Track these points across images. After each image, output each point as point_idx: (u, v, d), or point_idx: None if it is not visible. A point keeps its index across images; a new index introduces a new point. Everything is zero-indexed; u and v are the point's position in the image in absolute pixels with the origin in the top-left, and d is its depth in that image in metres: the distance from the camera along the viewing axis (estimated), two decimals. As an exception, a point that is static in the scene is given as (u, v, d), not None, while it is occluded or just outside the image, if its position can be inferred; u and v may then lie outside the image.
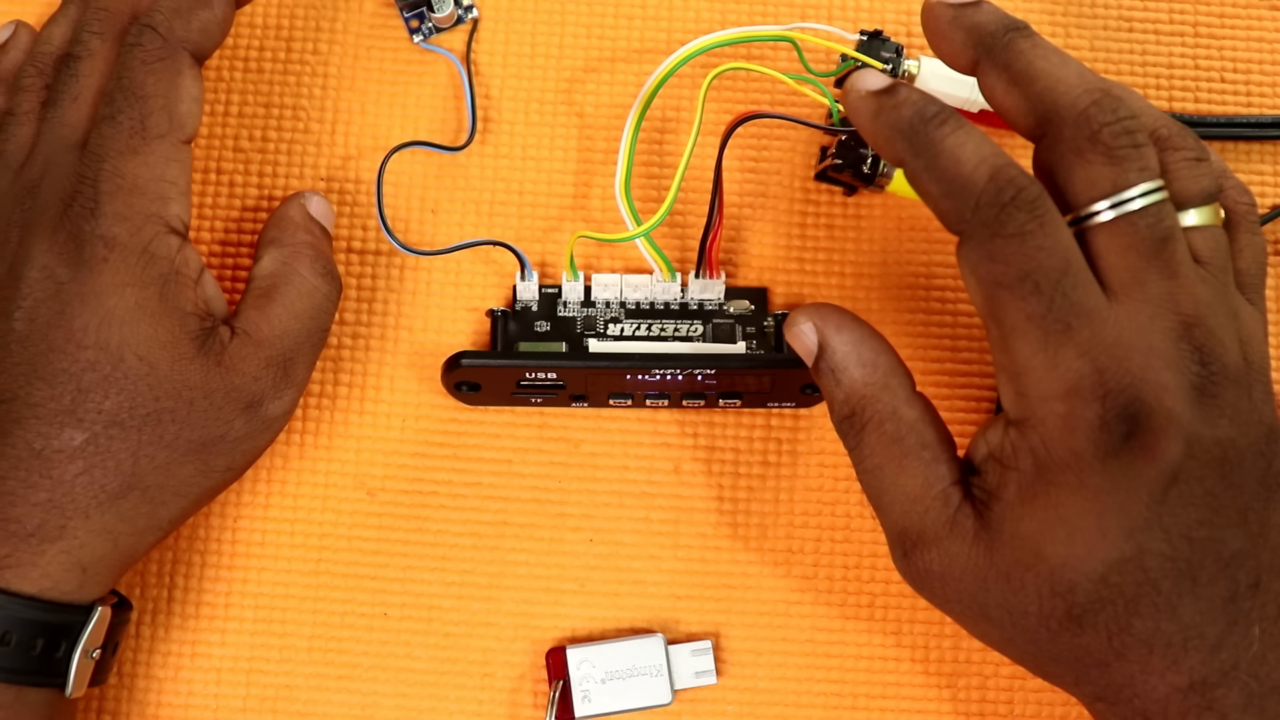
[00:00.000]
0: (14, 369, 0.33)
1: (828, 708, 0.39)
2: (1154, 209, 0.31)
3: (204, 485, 0.35)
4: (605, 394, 0.40)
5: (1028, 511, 0.31)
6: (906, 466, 0.33)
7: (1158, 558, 0.30)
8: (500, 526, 0.40)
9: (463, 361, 0.37)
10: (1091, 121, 0.31)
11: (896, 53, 0.40)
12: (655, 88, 0.39)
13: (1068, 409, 0.30)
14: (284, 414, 0.36)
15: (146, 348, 0.33)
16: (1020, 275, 0.30)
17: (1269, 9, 0.44)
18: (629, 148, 0.39)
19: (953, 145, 0.31)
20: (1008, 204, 0.30)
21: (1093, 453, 0.30)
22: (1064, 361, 0.30)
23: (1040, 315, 0.30)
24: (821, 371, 0.35)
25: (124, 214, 0.34)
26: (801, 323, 0.35)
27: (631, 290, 0.41)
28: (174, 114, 0.35)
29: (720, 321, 0.41)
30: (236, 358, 0.35)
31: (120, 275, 0.33)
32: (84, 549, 0.33)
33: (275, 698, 0.39)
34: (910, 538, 0.33)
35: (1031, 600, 0.31)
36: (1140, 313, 0.30)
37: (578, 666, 0.38)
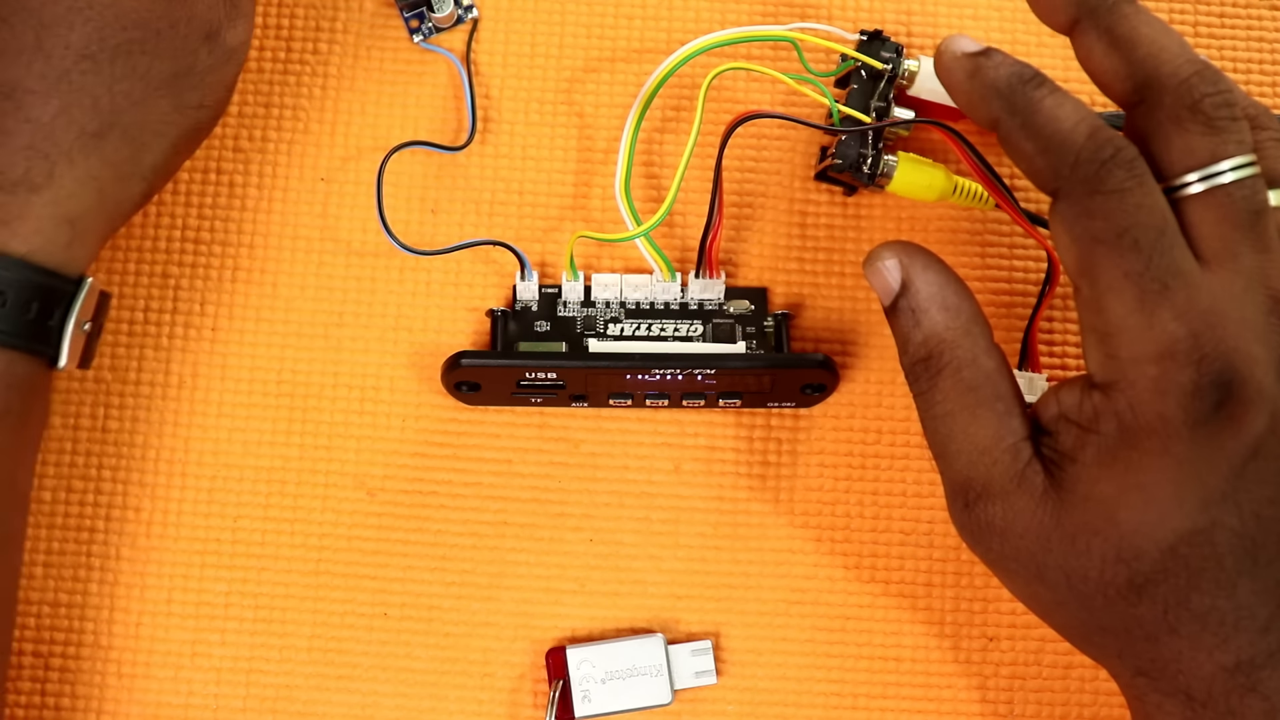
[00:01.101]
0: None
1: (828, 708, 0.39)
2: (1249, 182, 0.31)
3: (181, 124, 0.35)
4: (605, 394, 0.40)
5: (1105, 475, 0.31)
6: (979, 416, 0.32)
7: (1227, 532, 0.30)
8: (500, 526, 0.40)
9: (463, 361, 0.37)
10: (1194, 90, 0.31)
11: (896, 53, 0.40)
12: (655, 88, 0.39)
13: (1161, 372, 0.30)
14: (240, 44, 0.36)
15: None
16: (1119, 231, 0.30)
17: (1269, 9, 0.44)
18: (629, 148, 0.39)
19: (1051, 105, 0.32)
20: (1107, 160, 0.30)
21: (1182, 419, 0.29)
22: (1159, 323, 0.30)
23: (1138, 273, 0.30)
24: (900, 310, 0.34)
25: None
26: (886, 258, 0.34)
27: (631, 290, 0.41)
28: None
29: (720, 321, 0.41)
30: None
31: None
32: (71, 199, 0.33)
33: (275, 698, 0.39)
34: (975, 489, 0.32)
35: (1094, 565, 0.31)
36: (1234, 283, 0.30)
37: (578, 666, 0.38)
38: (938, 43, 0.43)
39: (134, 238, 0.41)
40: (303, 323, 0.41)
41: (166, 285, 0.41)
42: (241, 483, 0.40)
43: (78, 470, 0.40)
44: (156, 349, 0.41)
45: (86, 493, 0.40)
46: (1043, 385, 0.39)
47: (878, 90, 0.40)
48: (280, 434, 0.41)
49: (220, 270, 0.41)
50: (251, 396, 0.41)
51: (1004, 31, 0.44)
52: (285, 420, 0.41)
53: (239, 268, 0.41)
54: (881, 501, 0.41)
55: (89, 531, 0.40)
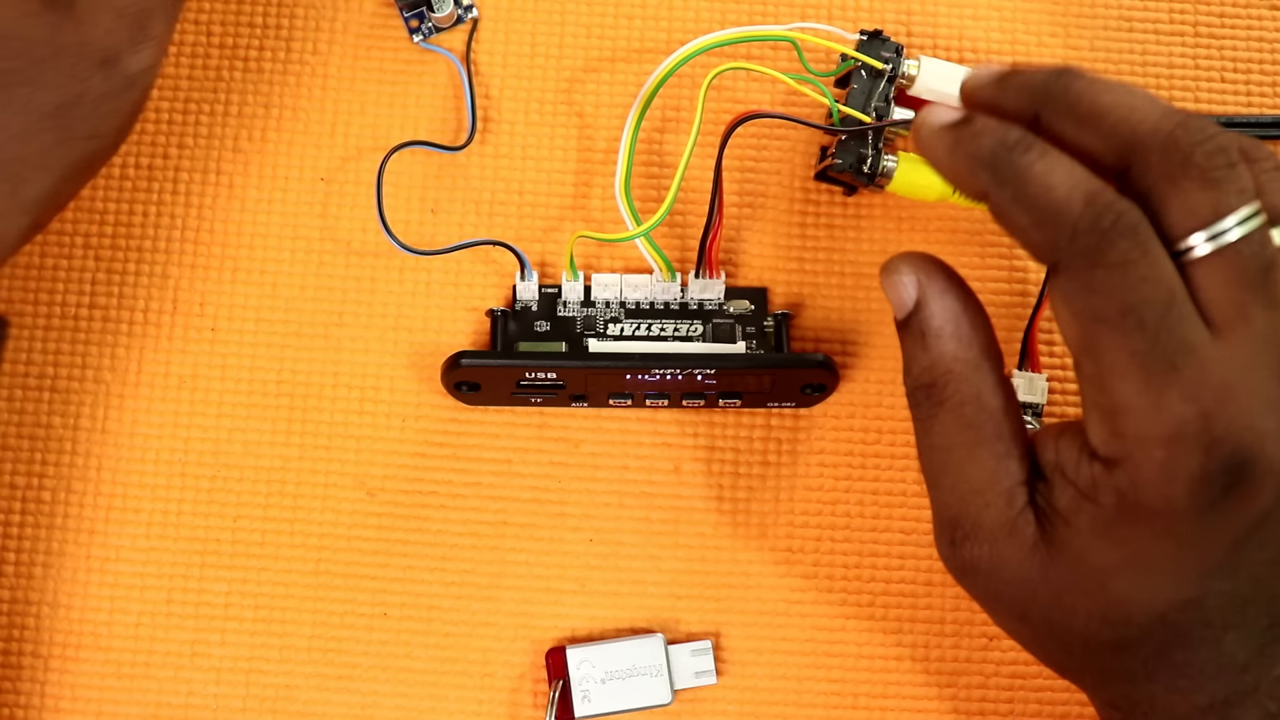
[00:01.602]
0: None
1: (828, 708, 0.39)
2: (1257, 235, 0.28)
3: (68, 157, 0.33)
4: (605, 394, 0.40)
5: (1099, 545, 0.29)
6: (977, 455, 0.31)
7: (1220, 597, 0.29)
8: (500, 526, 0.40)
9: (462, 361, 0.37)
10: (1181, 144, 0.29)
11: (896, 52, 0.40)
12: (655, 88, 0.39)
13: (1168, 456, 0.28)
14: (145, 70, 0.34)
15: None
16: (1123, 309, 0.28)
17: (1269, 9, 0.44)
18: (629, 147, 0.39)
19: (1041, 171, 0.29)
20: (1108, 230, 0.28)
21: (1189, 504, 0.28)
22: (1167, 404, 0.28)
23: (1144, 353, 0.28)
24: (910, 329, 0.32)
25: None
26: (903, 272, 0.32)
27: (631, 290, 0.41)
28: None
29: (720, 321, 0.41)
30: (87, 10, 0.32)
31: None
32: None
33: (275, 698, 0.39)
34: (964, 528, 0.31)
35: (1079, 621, 0.30)
36: (1245, 350, 0.28)
37: (578, 666, 0.38)
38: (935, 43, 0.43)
39: (134, 238, 0.41)
40: (303, 323, 0.41)
41: (166, 285, 0.41)
42: (241, 483, 0.40)
43: (77, 470, 0.40)
44: (156, 349, 0.41)
45: (86, 494, 0.40)
46: (1043, 385, 0.40)
47: (878, 90, 0.40)
48: (280, 434, 0.40)
49: (220, 270, 0.41)
50: (251, 396, 0.41)
51: (1004, 31, 0.44)
52: (285, 420, 0.41)
53: (239, 268, 0.41)
54: (881, 501, 0.41)
55: (89, 533, 0.40)
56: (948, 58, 0.42)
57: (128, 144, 0.42)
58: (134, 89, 0.34)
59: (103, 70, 0.32)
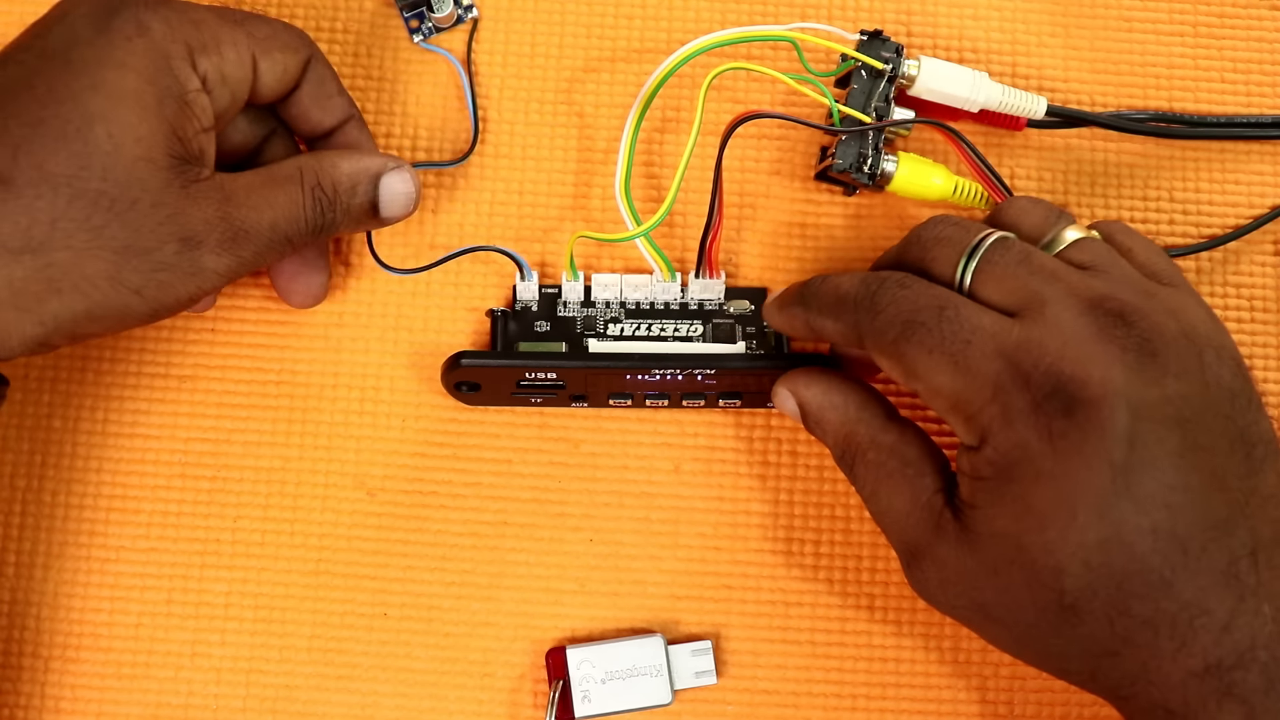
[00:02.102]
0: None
1: (828, 708, 0.39)
2: (999, 242, 0.33)
3: (108, 296, 0.33)
4: (605, 394, 0.40)
5: (999, 512, 0.32)
6: (895, 486, 0.35)
7: (1136, 531, 0.30)
8: (500, 526, 0.40)
9: (463, 361, 0.37)
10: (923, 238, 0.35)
11: (896, 52, 0.40)
12: (655, 87, 0.39)
13: (1000, 407, 0.31)
14: (214, 272, 0.34)
15: (120, 129, 0.32)
16: (905, 323, 0.33)
17: (1269, 9, 0.44)
18: (629, 147, 0.39)
19: (831, 283, 0.36)
20: (877, 288, 0.34)
21: (1037, 437, 0.30)
22: (978, 367, 0.31)
23: (936, 343, 0.32)
24: (810, 426, 0.37)
25: (170, 22, 0.34)
26: (779, 393, 0.38)
27: (631, 290, 0.41)
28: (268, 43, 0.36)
29: (720, 321, 0.41)
30: (201, 196, 0.34)
31: (132, 59, 0.33)
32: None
33: (275, 698, 0.39)
34: (909, 550, 0.34)
35: (1023, 593, 0.31)
36: (1043, 313, 0.32)
37: (578, 666, 0.38)
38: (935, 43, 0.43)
39: (134, 238, 0.41)
40: (302, 323, 0.41)
41: (166, 285, 0.41)
42: (241, 483, 0.40)
43: (77, 471, 0.40)
44: (156, 349, 0.41)
45: (86, 495, 0.40)
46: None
47: (878, 90, 0.40)
48: (280, 434, 0.41)
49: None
50: (251, 397, 0.41)
51: (1004, 31, 0.44)
52: (285, 420, 0.41)
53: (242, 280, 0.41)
54: (881, 501, 0.41)
55: (89, 533, 0.40)
56: (948, 58, 0.42)
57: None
58: (194, 280, 0.34)
59: (181, 245, 0.33)
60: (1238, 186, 0.43)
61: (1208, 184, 0.43)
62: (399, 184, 0.37)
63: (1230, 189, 0.43)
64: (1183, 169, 0.43)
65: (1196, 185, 0.43)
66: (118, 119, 0.32)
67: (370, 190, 0.37)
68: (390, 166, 0.37)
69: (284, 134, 0.39)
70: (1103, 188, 0.43)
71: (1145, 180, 0.43)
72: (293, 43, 0.37)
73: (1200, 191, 0.43)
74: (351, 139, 0.39)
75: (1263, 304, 0.42)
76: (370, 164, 0.37)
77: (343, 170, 0.36)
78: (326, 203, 0.36)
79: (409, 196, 0.38)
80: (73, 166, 0.32)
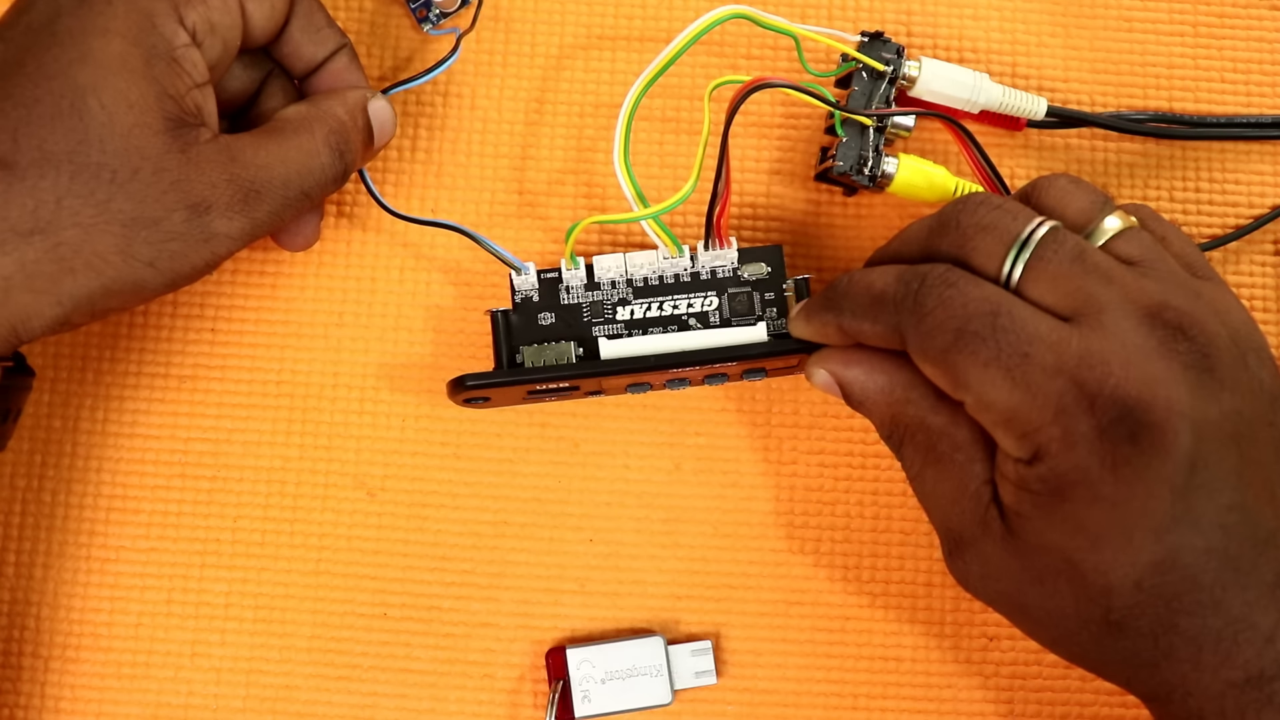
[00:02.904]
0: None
1: (828, 708, 0.40)
2: (1051, 235, 0.31)
3: (121, 270, 0.33)
4: (624, 386, 0.39)
5: (1049, 526, 0.31)
6: (943, 471, 0.33)
7: (1193, 553, 0.30)
8: (500, 526, 0.40)
9: (467, 384, 0.36)
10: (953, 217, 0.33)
11: (897, 53, 0.40)
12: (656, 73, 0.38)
13: (1062, 430, 0.30)
14: (227, 237, 0.34)
15: (113, 99, 0.32)
16: (958, 332, 0.31)
17: (1269, 9, 0.44)
18: (627, 121, 0.37)
19: (860, 280, 0.34)
20: (919, 288, 0.32)
21: (1099, 464, 0.29)
22: (1038, 385, 0.30)
23: (994, 356, 0.30)
24: (853, 406, 0.35)
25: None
26: (815, 373, 0.36)
27: (637, 268, 0.39)
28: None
29: (736, 291, 0.39)
30: (203, 157, 0.33)
31: (115, 23, 0.32)
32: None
33: (275, 698, 0.39)
34: (953, 537, 0.33)
35: (1068, 605, 0.31)
36: (1101, 321, 0.30)
37: (578, 666, 0.38)
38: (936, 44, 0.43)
39: (133, 237, 0.41)
40: (302, 323, 0.41)
41: (166, 285, 0.41)
42: (241, 483, 0.40)
43: (77, 470, 0.40)
44: (156, 349, 0.41)
45: (86, 495, 0.40)
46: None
47: (879, 91, 0.40)
48: (280, 434, 0.40)
49: (220, 270, 0.41)
50: (251, 396, 0.41)
51: (1004, 31, 0.44)
52: (285, 420, 0.41)
53: (239, 268, 0.41)
54: (881, 501, 0.41)
55: (89, 533, 0.40)
56: (948, 59, 0.42)
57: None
58: (207, 246, 0.34)
59: (189, 212, 0.33)
60: (1238, 186, 0.43)
61: (1208, 184, 0.43)
62: (383, 108, 0.38)
63: (1230, 189, 0.43)
64: (1183, 169, 0.43)
65: (1196, 185, 0.43)
66: (108, 87, 0.32)
67: (366, 120, 0.37)
68: (369, 94, 0.37)
69: (280, 75, 0.39)
70: (1103, 188, 0.43)
71: (1145, 180, 0.43)
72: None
73: (1200, 191, 0.43)
74: (342, 69, 0.38)
75: (1263, 304, 0.42)
76: (356, 95, 0.37)
77: (342, 110, 0.36)
78: (345, 146, 0.36)
79: (392, 117, 0.38)
80: (70, 142, 0.32)
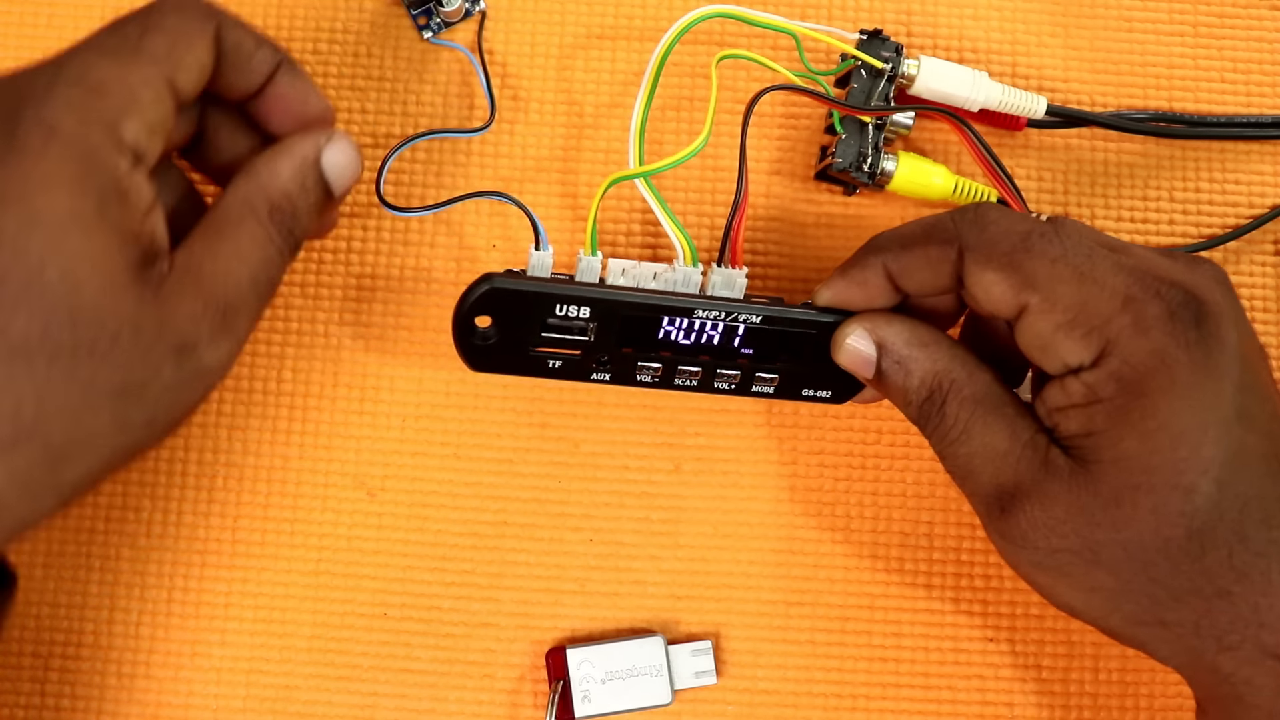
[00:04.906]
0: None
1: (828, 708, 0.39)
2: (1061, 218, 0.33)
3: (118, 442, 0.30)
4: (633, 363, 0.36)
5: (1125, 431, 0.30)
6: (992, 424, 0.33)
7: (1255, 454, 0.30)
8: (500, 526, 0.40)
9: (495, 282, 0.34)
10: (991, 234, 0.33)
11: (896, 52, 0.40)
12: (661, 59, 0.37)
13: (1133, 316, 0.30)
14: (218, 367, 0.31)
15: (74, 263, 0.28)
16: (1024, 235, 0.32)
17: (1269, 9, 0.44)
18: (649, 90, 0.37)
19: (906, 224, 0.34)
20: (976, 209, 0.33)
21: (1174, 343, 0.30)
22: (1106, 279, 0.31)
23: (1059, 254, 0.31)
24: (886, 370, 0.35)
25: (76, 106, 0.29)
26: (853, 333, 0.35)
27: (649, 279, 0.37)
28: (176, 52, 0.31)
29: None
30: (174, 293, 0.30)
31: (55, 172, 0.28)
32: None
33: (275, 698, 0.39)
34: (1007, 492, 0.32)
35: (1148, 524, 0.30)
36: (1137, 250, 0.32)
37: (578, 666, 0.38)
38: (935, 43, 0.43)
39: (134, 237, 0.41)
40: (303, 322, 0.41)
41: (166, 285, 0.41)
42: (241, 482, 0.40)
43: (77, 470, 0.40)
44: (156, 349, 0.41)
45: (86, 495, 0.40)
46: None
47: (878, 89, 0.40)
48: (280, 434, 0.40)
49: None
50: (252, 396, 0.41)
51: (1004, 32, 0.44)
52: (285, 420, 0.41)
53: (239, 267, 0.41)
54: (881, 502, 0.41)
55: (89, 532, 0.40)
56: (948, 57, 0.42)
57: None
58: (202, 382, 0.31)
59: (176, 358, 0.30)
60: (1238, 186, 0.43)
61: (1208, 184, 0.43)
62: (339, 155, 0.34)
63: (1230, 189, 0.43)
64: (1183, 169, 0.43)
65: (1196, 185, 0.43)
66: (65, 252, 0.28)
67: (318, 178, 0.33)
68: (323, 142, 0.33)
69: (219, 104, 0.35)
70: (1103, 188, 0.43)
71: (1145, 180, 0.43)
72: (194, 32, 0.32)
73: (1200, 191, 0.43)
74: (285, 91, 0.34)
75: (1263, 304, 0.42)
76: (305, 149, 0.33)
77: (284, 173, 0.33)
78: (289, 219, 0.33)
79: (354, 161, 0.34)
80: (37, 326, 0.28)
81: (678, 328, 0.36)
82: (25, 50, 0.42)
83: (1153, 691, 0.40)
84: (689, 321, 0.35)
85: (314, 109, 0.34)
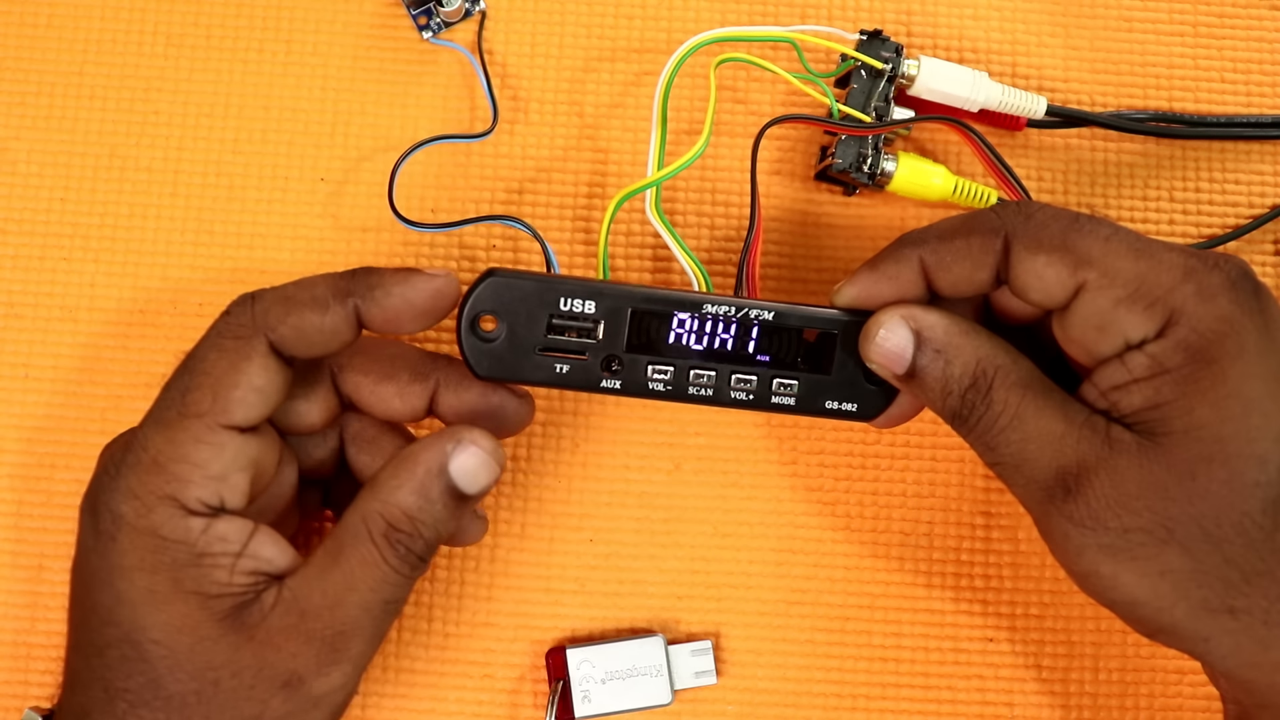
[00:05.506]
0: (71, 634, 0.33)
1: (828, 708, 0.40)
2: None
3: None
4: (644, 368, 0.34)
5: (1196, 401, 0.30)
6: (1045, 407, 0.31)
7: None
8: (500, 526, 0.40)
9: (495, 273, 0.33)
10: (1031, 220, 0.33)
11: (896, 52, 0.40)
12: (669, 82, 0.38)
13: (1196, 285, 0.30)
14: (335, 690, 0.32)
15: (161, 632, 0.31)
16: (1073, 218, 0.32)
17: (1269, 9, 0.44)
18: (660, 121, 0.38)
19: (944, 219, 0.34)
20: (1017, 203, 0.33)
21: (1239, 309, 0.30)
22: (1162, 255, 0.31)
23: (1113, 232, 0.31)
24: (924, 363, 0.33)
25: (136, 491, 0.31)
26: (889, 322, 0.33)
27: None
28: (220, 395, 0.31)
29: None
30: (274, 630, 0.31)
31: (128, 557, 0.31)
32: None
33: (275, 698, 0.39)
34: (1070, 473, 0.31)
35: (1224, 496, 0.30)
36: None
37: (578, 666, 0.38)
38: (935, 43, 0.43)
39: (134, 238, 0.41)
40: (303, 323, 0.41)
41: (166, 285, 0.41)
42: (241, 483, 0.40)
43: (84, 472, 0.40)
44: (157, 349, 0.41)
45: (87, 493, 0.40)
46: None
47: (878, 90, 0.40)
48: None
49: (220, 270, 0.41)
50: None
51: (1004, 31, 0.44)
52: (285, 420, 0.41)
53: (239, 268, 0.41)
54: (881, 501, 0.41)
55: (89, 532, 0.40)
56: (948, 58, 0.42)
57: (127, 146, 0.42)
58: (318, 710, 0.32)
59: (283, 692, 0.31)
60: (1238, 186, 0.43)
61: (1208, 184, 0.43)
62: (469, 460, 0.32)
63: (1230, 189, 0.43)
64: (1183, 169, 0.43)
65: (1196, 185, 0.43)
66: (151, 624, 0.31)
67: (445, 487, 0.32)
68: (450, 449, 0.32)
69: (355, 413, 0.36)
70: (1103, 188, 0.43)
71: (1145, 180, 0.43)
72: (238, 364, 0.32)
73: (1200, 191, 0.43)
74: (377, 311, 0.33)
75: (1263, 304, 0.42)
76: (429, 459, 0.32)
77: (405, 490, 0.32)
78: (409, 538, 0.32)
79: (486, 464, 0.32)
80: (146, 680, 0.31)
81: (688, 329, 0.34)
82: (25, 50, 0.42)
83: (1153, 691, 0.40)
84: (699, 321, 0.34)
85: (420, 299, 0.33)
